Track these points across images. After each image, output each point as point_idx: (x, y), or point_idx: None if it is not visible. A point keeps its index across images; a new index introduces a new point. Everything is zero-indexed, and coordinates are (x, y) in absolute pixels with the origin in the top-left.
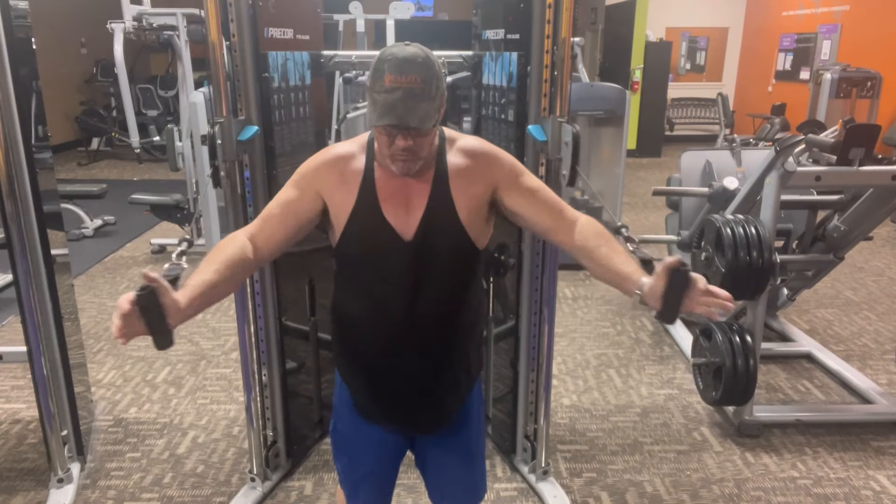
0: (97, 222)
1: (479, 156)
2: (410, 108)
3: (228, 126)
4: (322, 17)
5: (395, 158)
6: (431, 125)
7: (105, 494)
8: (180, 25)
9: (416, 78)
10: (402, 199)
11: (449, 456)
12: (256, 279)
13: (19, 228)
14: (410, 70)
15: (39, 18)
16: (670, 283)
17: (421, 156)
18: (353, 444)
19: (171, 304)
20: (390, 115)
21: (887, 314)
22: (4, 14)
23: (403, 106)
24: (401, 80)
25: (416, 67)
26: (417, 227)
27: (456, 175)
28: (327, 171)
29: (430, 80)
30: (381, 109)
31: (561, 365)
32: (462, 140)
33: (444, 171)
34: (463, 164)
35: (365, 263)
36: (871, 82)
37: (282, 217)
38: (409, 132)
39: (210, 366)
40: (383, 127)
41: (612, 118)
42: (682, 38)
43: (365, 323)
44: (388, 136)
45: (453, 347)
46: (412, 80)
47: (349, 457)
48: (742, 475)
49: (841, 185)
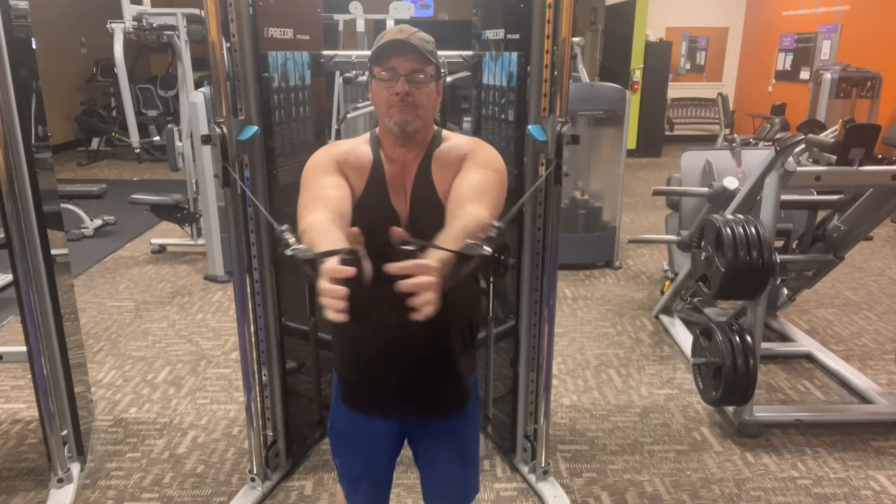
0: (97, 222)
1: (463, 147)
2: (410, 42)
3: (228, 126)
4: (322, 17)
5: (393, 108)
6: (428, 66)
7: (105, 494)
8: (180, 25)
9: (414, 34)
10: (400, 183)
11: (442, 453)
12: (257, 279)
13: (19, 228)
14: (409, 29)
15: (39, 18)
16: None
17: (418, 109)
18: (349, 441)
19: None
20: (390, 43)
21: (887, 314)
22: (4, 14)
23: (403, 40)
24: (398, 34)
25: (414, 29)
26: (408, 211)
27: (438, 160)
28: (343, 159)
29: (428, 41)
30: (380, 45)
31: (561, 365)
32: (457, 137)
33: (430, 156)
34: (447, 152)
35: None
36: (871, 82)
37: (341, 192)
38: (406, 78)
39: (210, 366)
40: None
41: (612, 118)
42: (682, 38)
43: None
44: (388, 84)
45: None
46: (410, 34)
47: (346, 453)
48: (742, 475)
49: (841, 185)
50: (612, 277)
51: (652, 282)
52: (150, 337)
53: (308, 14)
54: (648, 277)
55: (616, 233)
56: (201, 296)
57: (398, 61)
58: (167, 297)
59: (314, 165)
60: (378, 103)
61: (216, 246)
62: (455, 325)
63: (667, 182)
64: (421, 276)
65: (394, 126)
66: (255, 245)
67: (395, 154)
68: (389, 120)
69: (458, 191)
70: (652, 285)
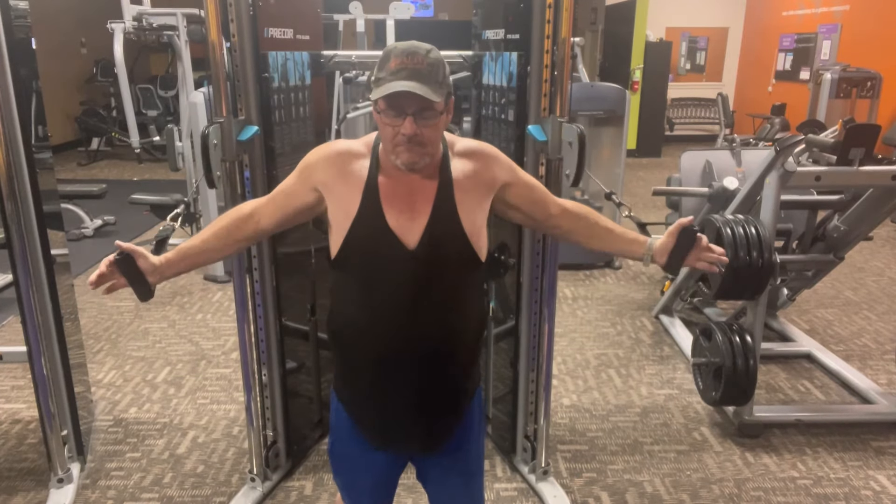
0: (97, 222)
1: (479, 157)
2: (415, 82)
3: (228, 126)
4: (322, 17)
5: (399, 147)
6: (437, 102)
7: (105, 494)
8: (180, 25)
9: (423, 60)
10: (406, 204)
11: (448, 475)
12: (257, 279)
13: (19, 228)
14: (417, 53)
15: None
16: (679, 240)
17: (426, 147)
18: (351, 466)
19: (147, 266)
20: (395, 86)
21: (887, 314)
22: (4, 14)
23: (408, 79)
24: (406, 62)
25: (423, 52)
26: (422, 236)
27: (461, 183)
28: (327, 166)
29: (437, 65)
30: (386, 85)
31: (561, 365)
32: (460, 143)
33: (449, 179)
34: (467, 170)
35: (365, 272)
36: (871, 82)
37: (283, 202)
38: (414, 117)
39: (210, 366)
40: (386, 103)
41: (612, 118)
42: (682, 38)
43: (363, 336)
44: (392, 122)
45: (453, 363)
46: (418, 62)
47: (348, 477)
48: (742, 475)
49: (841, 185)
50: (612, 277)
51: (652, 282)
52: (150, 337)
53: (308, 14)
54: (648, 277)
55: None
56: (201, 296)
57: (405, 98)
58: (167, 297)
59: (300, 164)
60: (383, 136)
61: None
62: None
63: (667, 182)
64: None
65: (400, 165)
66: (255, 245)
67: (401, 174)
68: (395, 158)
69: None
70: (652, 285)
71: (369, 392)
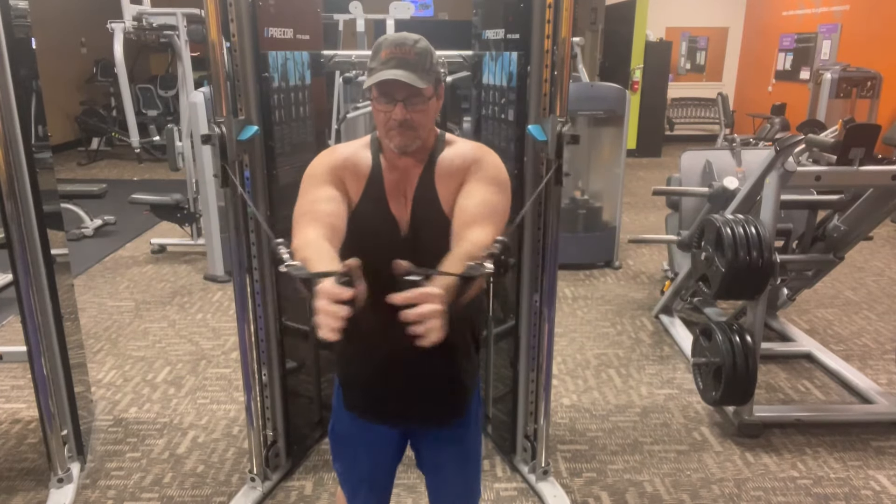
0: (97, 222)
1: (468, 156)
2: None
3: (228, 126)
4: (322, 17)
5: (392, 131)
6: (424, 88)
7: (105, 494)
8: (180, 25)
9: (410, 50)
10: (400, 191)
11: (444, 459)
12: (257, 279)
13: (19, 228)
14: (405, 44)
15: (39, 18)
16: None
17: (417, 131)
18: (350, 446)
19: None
20: (384, 75)
21: (887, 314)
22: (4, 14)
23: (396, 68)
24: (395, 52)
25: (411, 42)
26: (409, 220)
27: (442, 169)
28: (342, 166)
29: (425, 54)
30: (377, 74)
31: (561, 365)
32: (460, 143)
33: (433, 164)
34: (452, 160)
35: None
36: (871, 82)
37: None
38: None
39: (210, 366)
40: (378, 90)
41: (612, 118)
42: (682, 38)
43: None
44: (385, 108)
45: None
46: (406, 51)
47: (347, 459)
48: (742, 475)
49: (841, 185)
50: (612, 277)
51: (652, 282)
52: (150, 337)
53: (308, 14)
54: (648, 277)
55: (616, 233)
56: (201, 296)
57: (394, 86)
58: (167, 297)
59: (311, 175)
60: (377, 121)
61: (216, 246)
62: (459, 334)
63: (667, 182)
64: (426, 305)
65: (394, 147)
66: (255, 245)
67: (397, 161)
68: (389, 142)
69: (465, 210)
70: (652, 285)
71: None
